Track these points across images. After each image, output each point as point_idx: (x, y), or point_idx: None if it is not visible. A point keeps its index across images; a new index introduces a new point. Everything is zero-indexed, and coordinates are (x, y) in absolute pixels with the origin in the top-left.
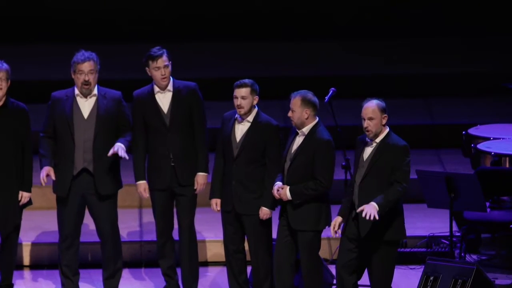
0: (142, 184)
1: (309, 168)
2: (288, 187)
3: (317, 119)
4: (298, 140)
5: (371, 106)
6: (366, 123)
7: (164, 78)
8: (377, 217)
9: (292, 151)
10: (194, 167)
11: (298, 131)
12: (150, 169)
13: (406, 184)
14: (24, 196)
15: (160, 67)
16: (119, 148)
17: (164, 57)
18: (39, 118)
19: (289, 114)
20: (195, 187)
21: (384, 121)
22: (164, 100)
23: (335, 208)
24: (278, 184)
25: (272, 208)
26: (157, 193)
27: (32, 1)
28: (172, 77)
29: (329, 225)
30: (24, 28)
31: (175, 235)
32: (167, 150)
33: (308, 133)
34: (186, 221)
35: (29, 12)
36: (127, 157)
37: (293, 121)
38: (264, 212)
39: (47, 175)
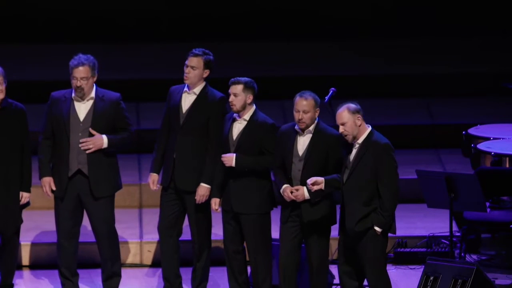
0: (152, 175)
1: (321, 165)
2: (304, 187)
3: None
4: (304, 140)
5: (342, 111)
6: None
7: (185, 77)
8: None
9: (301, 152)
10: (196, 176)
11: (303, 131)
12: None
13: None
14: (24, 196)
15: (188, 65)
16: (94, 144)
17: (197, 59)
18: (39, 118)
19: (300, 116)
20: (195, 197)
21: (358, 122)
22: (187, 100)
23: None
24: (288, 186)
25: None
26: (162, 189)
27: (31, 1)
28: (207, 84)
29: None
30: (24, 28)
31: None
32: (173, 150)
33: (315, 131)
34: (194, 229)
35: (29, 12)
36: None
37: (305, 123)
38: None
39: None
